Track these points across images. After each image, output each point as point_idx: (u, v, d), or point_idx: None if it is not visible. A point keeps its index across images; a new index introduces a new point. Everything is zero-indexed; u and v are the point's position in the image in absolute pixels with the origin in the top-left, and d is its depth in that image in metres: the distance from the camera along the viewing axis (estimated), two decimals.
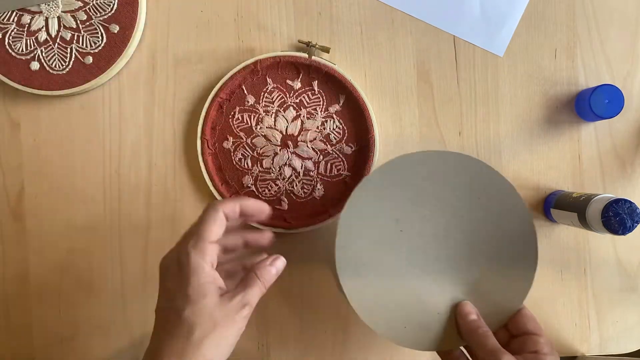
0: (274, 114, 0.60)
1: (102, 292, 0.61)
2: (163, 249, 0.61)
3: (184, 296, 0.42)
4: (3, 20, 0.59)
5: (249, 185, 0.60)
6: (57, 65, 0.59)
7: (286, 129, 0.60)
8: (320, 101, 0.60)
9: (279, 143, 0.60)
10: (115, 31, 0.59)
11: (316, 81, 0.60)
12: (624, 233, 0.50)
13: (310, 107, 0.60)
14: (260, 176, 0.60)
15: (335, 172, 0.60)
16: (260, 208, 0.49)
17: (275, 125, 0.60)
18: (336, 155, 0.60)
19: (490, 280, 0.52)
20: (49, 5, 0.59)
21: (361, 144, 0.60)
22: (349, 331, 0.62)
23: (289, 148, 0.60)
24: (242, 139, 0.60)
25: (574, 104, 0.62)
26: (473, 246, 0.52)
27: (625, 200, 0.50)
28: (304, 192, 0.60)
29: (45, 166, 0.61)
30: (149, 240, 0.61)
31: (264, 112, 0.60)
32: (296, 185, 0.60)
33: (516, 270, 0.52)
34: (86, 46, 0.59)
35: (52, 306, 0.61)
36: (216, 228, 0.45)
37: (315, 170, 0.60)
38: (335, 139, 0.60)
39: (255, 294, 0.45)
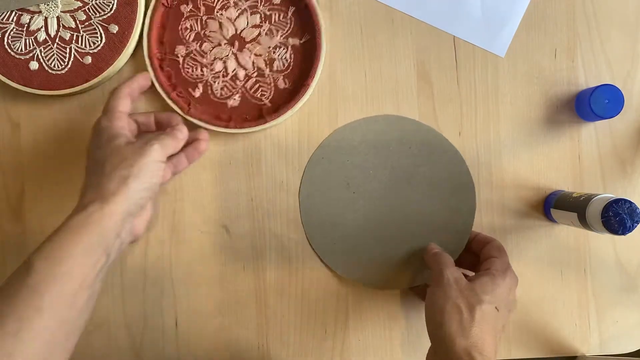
0: (240, 11, 0.59)
1: (102, 292, 0.61)
2: (163, 248, 0.61)
3: (99, 145, 0.49)
4: (2, 19, 0.59)
5: (179, 55, 0.60)
6: (56, 65, 0.59)
7: (242, 30, 0.59)
8: (286, 27, 0.60)
9: (228, 38, 0.59)
10: (114, 31, 0.59)
11: (294, 8, 0.60)
12: (624, 233, 0.50)
13: (274, 26, 0.60)
14: (193, 55, 0.59)
15: (259, 96, 0.60)
16: (144, 77, 0.57)
17: (235, 20, 0.59)
18: (269, 82, 0.60)
19: (440, 215, 0.60)
20: (48, 5, 0.59)
21: (295, 86, 0.60)
22: (348, 331, 0.62)
23: (233, 47, 0.59)
24: (200, 12, 0.60)
25: (574, 104, 0.62)
26: (417, 190, 0.60)
27: (625, 200, 0.50)
28: (221, 93, 0.60)
29: (46, 166, 0.61)
30: (149, 240, 0.61)
31: (233, 2, 0.59)
32: (218, 83, 0.59)
33: (460, 199, 0.60)
34: (85, 46, 0.59)
35: None
36: (123, 101, 0.52)
37: (243, 82, 0.60)
38: (277, 67, 0.60)
39: (165, 142, 0.50)
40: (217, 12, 0.59)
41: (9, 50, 0.59)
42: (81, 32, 0.59)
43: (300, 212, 0.61)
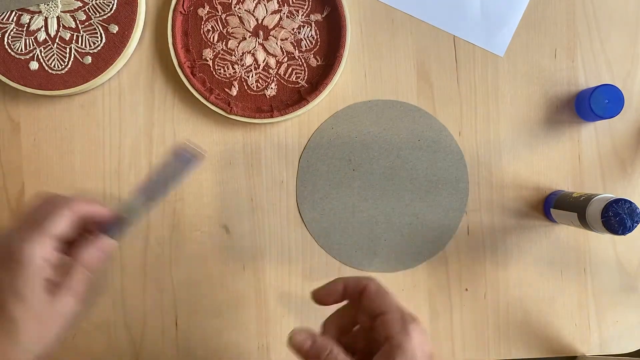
0: (257, 0, 0.59)
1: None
2: (163, 249, 0.61)
3: (12, 289, 0.41)
4: (2, 19, 0.59)
5: (208, 59, 0.60)
6: (56, 65, 0.59)
7: (263, 19, 0.60)
8: (305, 5, 0.60)
9: (251, 30, 0.60)
10: (114, 31, 0.59)
11: None
12: (624, 233, 0.50)
13: (293, 7, 0.60)
14: (221, 55, 0.60)
15: (294, 79, 0.60)
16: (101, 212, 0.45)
17: (254, 11, 0.59)
18: (300, 63, 0.60)
19: (430, 211, 0.61)
20: (48, 5, 0.59)
21: (327, 61, 0.60)
22: None
23: (258, 38, 0.60)
24: (218, 12, 0.60)
25: (574, 104, 0.62)
26: (414, 181, 0.61)
27: (625, 200, 0.50)
28: (257, 85, 0.60)
29: (45, 166, 0.61)
30: (149, 240, 0.61)
31: None
32: (252, 76, 0.60)
33: (451, 201, 0.61)
34: (85, 46, 0.59)
35: None
36: (62, 226, 0.42)
37: (276, 70, 0.60)
38: (305, 46, 0.60)
39: (78, 282, 0.42)
40: (234, 7, 0.60)
41: (9, 50, 0.59)
42: (81, 32, 0.59)
43: (297, 176, 0.61)
